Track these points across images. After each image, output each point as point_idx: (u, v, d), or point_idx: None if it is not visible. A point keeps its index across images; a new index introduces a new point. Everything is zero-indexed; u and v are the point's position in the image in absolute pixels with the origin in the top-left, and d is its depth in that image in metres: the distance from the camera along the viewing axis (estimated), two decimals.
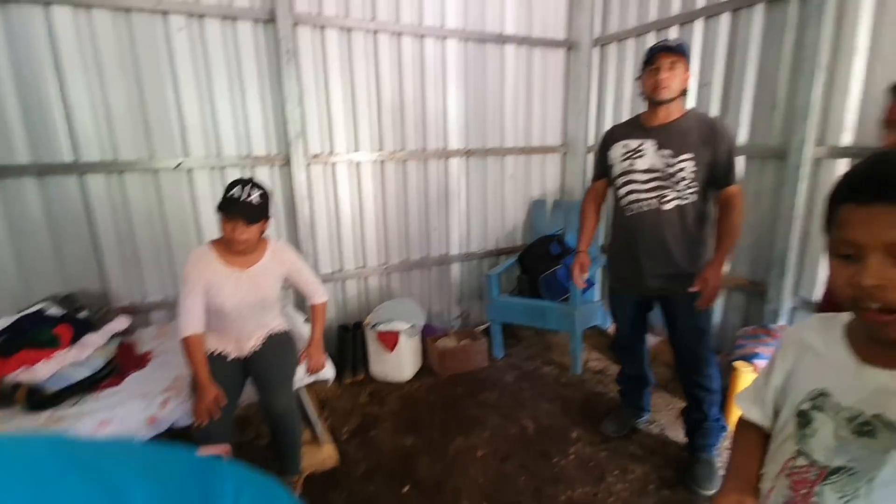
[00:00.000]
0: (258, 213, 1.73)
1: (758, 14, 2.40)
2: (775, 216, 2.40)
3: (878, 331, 0.62)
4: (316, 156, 2.77)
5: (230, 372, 1.84)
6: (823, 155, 2.21)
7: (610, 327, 3.13)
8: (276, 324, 1.99)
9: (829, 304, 1.36)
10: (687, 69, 1.78)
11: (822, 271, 2.37)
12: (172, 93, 2.40)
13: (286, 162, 2.68)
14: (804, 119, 2.20)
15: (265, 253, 1.88)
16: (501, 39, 3.18)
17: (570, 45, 3.42)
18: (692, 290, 1.80)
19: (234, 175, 2.55)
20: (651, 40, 2.95)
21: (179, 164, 2.45)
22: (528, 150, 3.49)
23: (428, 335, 3.00)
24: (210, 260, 1.79)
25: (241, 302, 1.82)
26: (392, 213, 3.11)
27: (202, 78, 2.45)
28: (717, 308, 2.78)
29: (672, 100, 1.77)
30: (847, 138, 2.15)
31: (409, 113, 3.00)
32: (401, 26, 2.84)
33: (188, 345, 1.72)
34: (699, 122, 1.80)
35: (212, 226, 2.53)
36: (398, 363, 2.76)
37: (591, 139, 3.51)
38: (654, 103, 1.80)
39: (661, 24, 2.87)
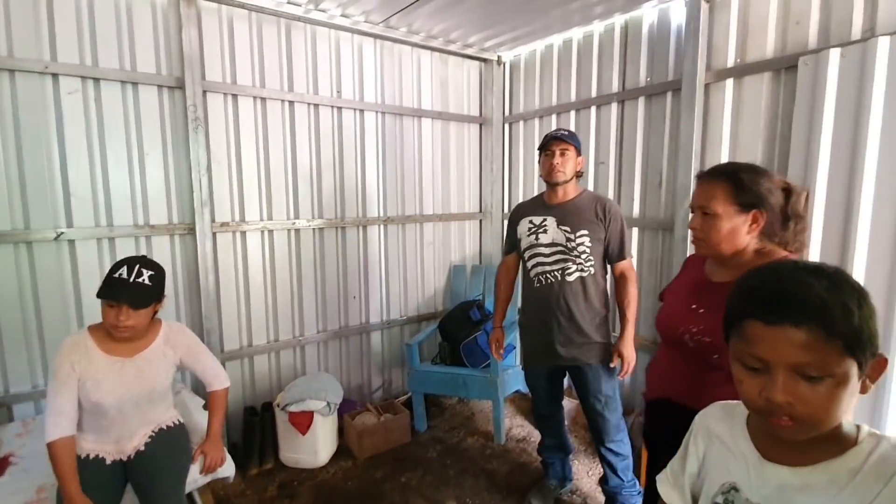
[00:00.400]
0: (148, 296, 1.56)
1: (640, 105, 2.74)
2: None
3: (779, 432, 0.65)
4: (224, 224, 2.63)
5: (107, 479, 1.59)
6: None
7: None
8: (166, 417, 1.76)
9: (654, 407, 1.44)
10: (578, 154, 1.97)
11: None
12: (58, 158, 2.19)
13: (190, 230, 2.51)
14: (685, 196, 2.47)
15: (156, 337, 1.69)
16: (419, 113, 3.32)
17: (483, 121, 3.65)
18: (611, 365, 1.91)
19: (126, 247, 2.34)
20: (553, 122, 3.24)
21: (60, 235, 2.19)
22: (446, 217, 3.58)
23: (346, 411, 2.82)
24: (87, 349, 1.57)
25: (124, 396, 1.59)
26: (308, 282, 2.98)
27: (95, 143, 2.26)
28: None
29: (567, 181, 1.95)
30: None
31: (326, 181, 2.97)
32: (318, 98, 2.87)
33: (54, 451, 1.47)
34: (592, 201, 1.97)
35: (96, 305, 2.25)
36: (312, 447, 2.54)
37: (507, 206, 3.69)
38: (550, 185, 1.97)
39: (561, 109, 3.17)
